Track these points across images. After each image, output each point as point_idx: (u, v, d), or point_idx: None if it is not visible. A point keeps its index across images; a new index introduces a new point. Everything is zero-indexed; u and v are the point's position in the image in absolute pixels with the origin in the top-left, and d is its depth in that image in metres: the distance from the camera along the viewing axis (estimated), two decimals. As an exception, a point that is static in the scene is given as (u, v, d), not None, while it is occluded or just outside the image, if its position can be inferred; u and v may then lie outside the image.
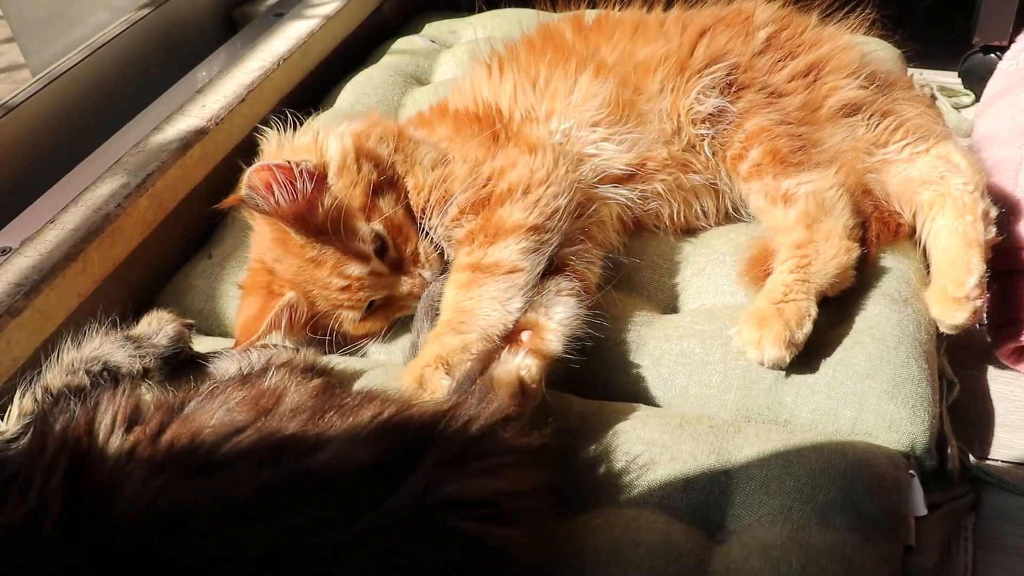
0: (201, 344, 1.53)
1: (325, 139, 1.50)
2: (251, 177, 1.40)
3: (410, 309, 1.51)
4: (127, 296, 1.68)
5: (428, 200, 1.50)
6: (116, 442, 1.02)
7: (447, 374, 1.30)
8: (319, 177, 1.45)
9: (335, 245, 1.45)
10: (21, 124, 1.81)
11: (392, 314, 1.54)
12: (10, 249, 1.52)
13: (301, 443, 1.05)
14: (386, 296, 1.50)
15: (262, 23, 2.27)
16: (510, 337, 1.38)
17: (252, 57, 2.09)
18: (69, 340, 1.27)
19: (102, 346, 1.29)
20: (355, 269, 1.46)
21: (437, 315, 1.44)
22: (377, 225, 1.46)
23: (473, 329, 1.36)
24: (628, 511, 1.24)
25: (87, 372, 1.24)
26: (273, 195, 1.41)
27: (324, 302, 1.48)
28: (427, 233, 1.50)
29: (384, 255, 1.48)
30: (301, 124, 1.56)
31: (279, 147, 1.51)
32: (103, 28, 2.10)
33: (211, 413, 1.08)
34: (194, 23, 2.31)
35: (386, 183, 1.49)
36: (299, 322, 1.50)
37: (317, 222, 1.44)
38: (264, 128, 1.55)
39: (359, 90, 2.17)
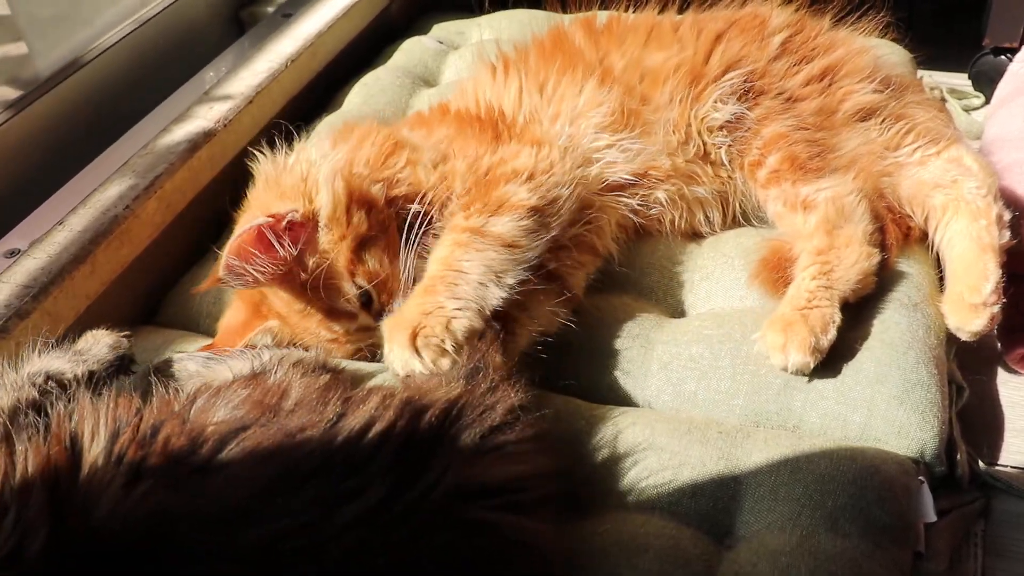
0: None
1: (316, 181, 1.44)
2: (228, 256, 1.36)
3: None
4: (135, 298, 1.68)
5: (431, 203, 1.46)
6: (98, 449, 1.00)
7: (453, 350, 1.25)
8: (308, 226, 1.41)
9: (322, 302, 1.42)
10: (29, 125, 1.82)
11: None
12: (19, 251, 1.52)
13: (307, 434, 1.04)
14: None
15: (270, 24, 2.27)
16: None
17: (260, 58, 2.09)
18: (4, 362, 1.23)
19: (41, 359, 1.26)
20: (342, 325, 1.44)
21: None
22: (362, 280, 1.42)
23: (471, 298, 1.30)
24: (636, 516, 1.24)
25: (33, 385, 1.20)
26: (253, 268, 1.37)
27: (312, 341, 1.46)
28: (410, 267, 1.44)
29: (370, 307, 1.44)
30: (302, 131, 1.56)
31: (267, 184, 1.48)
32: (111, 29, 2.10)
33: (214, 412, 1.07)
34: (201, 24, 2.31)
35: (376, 230, 1.43)
36: (281, 344, 1.47)
37: (302, 280, 1.41)
38: (257, 149, 1.52)
39: (367, 91, 2.17)
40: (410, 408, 1.09)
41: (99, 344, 1.34)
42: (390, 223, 1.45)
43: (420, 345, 1.26)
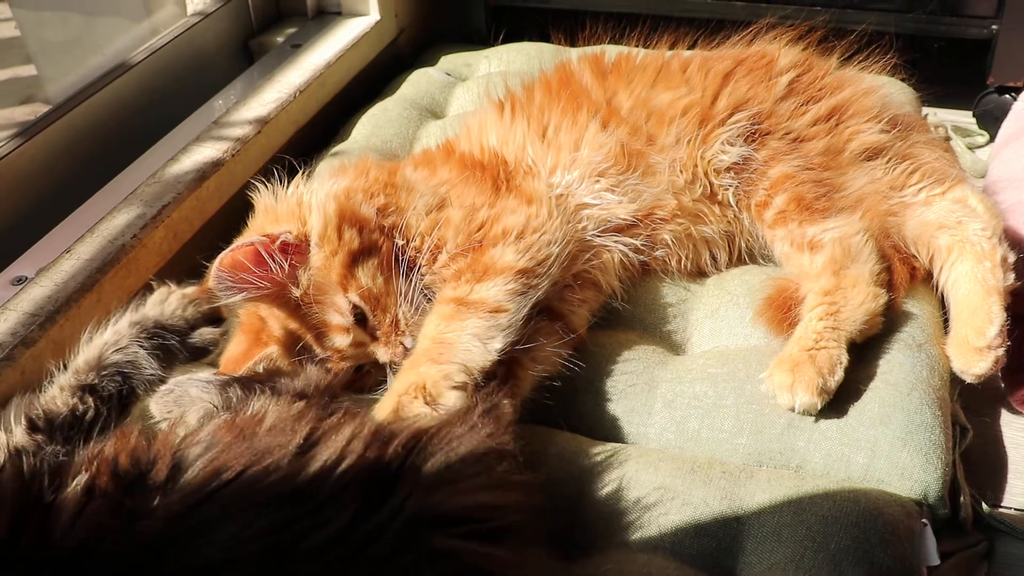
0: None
1: (309, 205, 1.47)
2: (218, 266, 1.38)
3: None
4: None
5: (420, 248, 1.48)
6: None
7: (427, 404, 1.27)
8: (301, 247, 1.44)
9: (314, 318, 1.44)
10: (38, 152, 1.83)
11: (383, 372, 1.50)
12: (26, 278, 1.52)
13: (276, 459, 1.04)
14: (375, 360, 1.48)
15: (279, 54, 2.29)
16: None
17: (269, 88, 2.11)
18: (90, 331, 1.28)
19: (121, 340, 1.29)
20: (335, 341, 1.45)
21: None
22: (354, 296, 1.42)
23: (453, 361, 1.32)
24: (639, 556, 1.24)
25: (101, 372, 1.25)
26: (243, 281, 1.39)
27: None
28: (408, 293, 1.45)
29: (364, 324, 1.45)
30: (305, 166, 1.57)
31: (266, 212, 1.51)
32: (121, 57, 2.11)
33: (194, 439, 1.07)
34: (211, 53, 2.32)
35: (368, 248, 1.45)
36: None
37: (295, 298, 1.43)
38: (260, 181, 1.54)
39: (374, 123, 2.18)
40: (379, 437, 1.09)
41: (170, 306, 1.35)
42: (384, 243, 1.47)
43: (395, 406, 1.28)
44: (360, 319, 1.44)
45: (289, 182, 1.54)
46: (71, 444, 1.16)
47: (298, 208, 1.48)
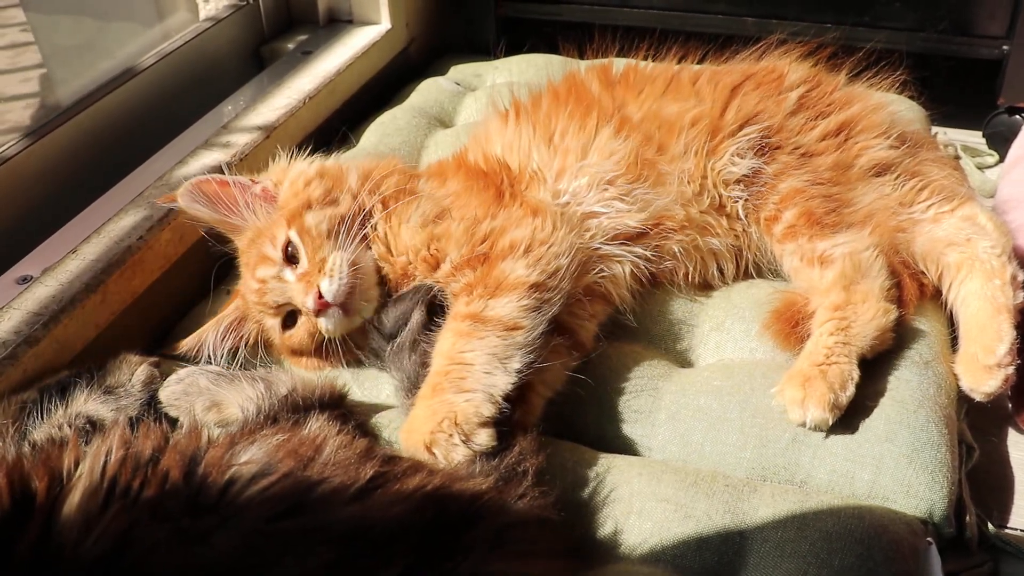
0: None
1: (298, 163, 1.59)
2: (188, 184, 1.54)
3: (326, 333, 1.49)
4: (144, 328, 1.68)
5: (412, 260, 1.50)
6: (86, 470, 1.00)
7: (463, 443, 1.25)
8: (271, 196, 1.56)
9: (257, 250, 1.51)
10: (47, 153, 1.83)
11: (312, 331, 1.52)
12: (31, 278, 1.52)
13: (337, 496, 1.04)
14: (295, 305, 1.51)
15: (289, 61, 2.29)
16: None
17: (278, 94, 2.11)
18: (54, 393, 1.33)
19: (87, 403, 1.33)
20: (263, 271, 1.50)
21: (422, 356, 1.41)
22: (292, 232, 1.48)
23: (477, 388, 1.30)
24: (641, 568, 1.23)
25: (69, 426, 1.27)
26: (212, 198, 1.54)
27: (252, 309, 1.54)
28: (346, 245, 1.49)
29: (297, 263, 1.49)
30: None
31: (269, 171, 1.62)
32: (132, 60, 2.12)
33: (244, 452, 1.07)
34: (222, 59, 2.33)
35: (327, 203, 1.52)
36: (242, 332, 1.57)
37: (250, 228, 1.54)
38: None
39: (383, 130, 2.18)
40: (440, 496, 1.11)
41: (133, 380, 1.40)
42: (348, 204, 1.52)
43: (429, 442, 1.26)
44: (292, 259, 1.49)
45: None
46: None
47: (287, 165, 1.61)
